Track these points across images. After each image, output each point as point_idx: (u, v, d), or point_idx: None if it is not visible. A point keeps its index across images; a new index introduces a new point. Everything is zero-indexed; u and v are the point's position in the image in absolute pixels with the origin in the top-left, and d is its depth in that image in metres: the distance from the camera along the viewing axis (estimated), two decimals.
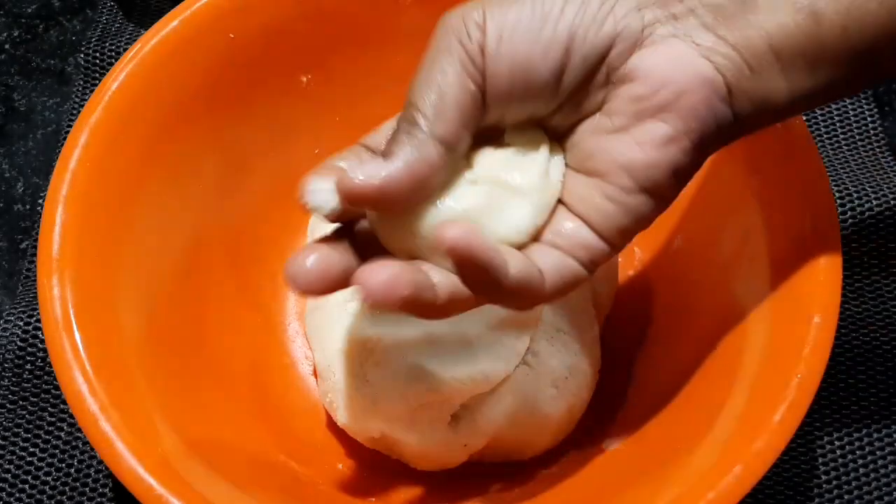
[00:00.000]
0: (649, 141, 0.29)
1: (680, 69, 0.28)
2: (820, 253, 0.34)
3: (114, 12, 0.56)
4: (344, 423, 0.40)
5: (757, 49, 0.28)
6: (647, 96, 0.28)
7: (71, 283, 0.34)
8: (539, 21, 0.28)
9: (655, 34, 0.29)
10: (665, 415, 0.39)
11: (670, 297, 0.43)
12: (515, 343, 0.38)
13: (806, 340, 0.33)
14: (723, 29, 0.28)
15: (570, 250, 0.30)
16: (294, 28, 0.42)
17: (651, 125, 0.29)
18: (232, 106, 0.42)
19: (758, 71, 0.29)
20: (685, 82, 0.28)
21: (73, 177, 0.36)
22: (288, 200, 0.45)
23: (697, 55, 0.28)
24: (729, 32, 0.28)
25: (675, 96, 0.28)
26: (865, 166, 0.49)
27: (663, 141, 0.29)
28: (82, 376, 0.33)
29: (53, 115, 0.53)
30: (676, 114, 0.28)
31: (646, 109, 0.29)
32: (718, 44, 0.28)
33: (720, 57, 0.28)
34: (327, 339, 0.40)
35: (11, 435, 0.42)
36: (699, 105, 0.28)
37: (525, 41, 0.28)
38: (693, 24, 0.29)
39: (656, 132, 0.29)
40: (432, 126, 0.28)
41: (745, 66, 0.29)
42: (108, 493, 0.41)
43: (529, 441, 0.40)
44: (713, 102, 0.29)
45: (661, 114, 0.28)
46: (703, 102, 0.28)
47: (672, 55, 0.28)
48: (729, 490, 0.31)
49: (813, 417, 0.43)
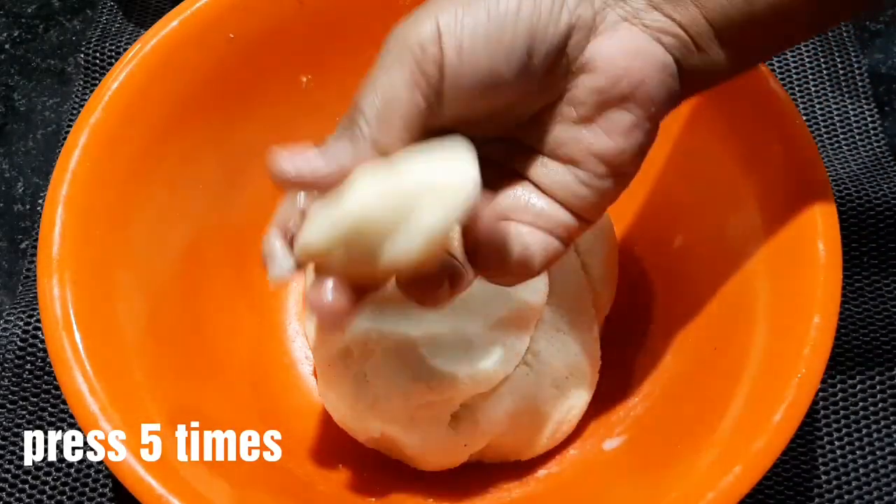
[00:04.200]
0: (617, 130, 0.30)
1: (636, 58, 0.29)
2: (820, 253, 0.34)
3: (114, 12, 0.56)
4: (344, 423, 0.40)
5: (700, 26, 0.30)
6: (608, 88, 0.30)
7: (71, 283, 0.34)
8: (497, 27, 0.28)
9: (607, 20, 0.30)
10: (665, 415, 0.39)
11: (670, 297, 0.43)
12: (515, 343, 0.38)
13: (806, 340, 0.33)
14: (668, 7, 0.30)
15: (550, 228, 0.31)
16: (294, 28, 0.42)
17: (616, 115, 0.30)
18: (232, 106, 0.42)
19: (703, 48, 0.30)
20: (643, 71, 0.29)
21: (73, 177, 0.36)
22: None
23: (650, 39, 0.30)
24: (675, 11, 0.30)
25: (635, 86, 0.30)
26: (865, 166, 0.49)
27: (629, 128, 0.30)
28: (82, 376, 0.33)
29: (53, 115, 0.53)
30: (638, 102, 0.30)
31: (609, 100, 0.30)
32: (667, 23, 0.30)
33: (670, 38, 0.30)
34: (328, 339, 0.40)
35: (11, 435, 0.42)
36: (656, 90, 0.30)
37: (486, 50, 0.28)
38: (640, 4, 0.30)
39: (622, 121, 0.30)
40: (374, 132, 0.28)
41: (692, 44, 0.30)
42: (108, 493, 0.41)
43: (529, 441, 0.40)
44: (667, 83, 0.30)
45: (624, 104, 0.30)
46: (660, 87, 0.30)
47: (626, 43, 0.29)
48: (729, 490, 0.31)
49: (813, 417, 0.43)
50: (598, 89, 0.30)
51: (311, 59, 0.43)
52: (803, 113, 0.51)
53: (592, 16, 0.29)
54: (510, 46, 0.28)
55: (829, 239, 0.34)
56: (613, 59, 0.29)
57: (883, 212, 0.46)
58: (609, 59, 0.29)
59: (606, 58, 0.29)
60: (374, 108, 0.28)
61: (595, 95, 0.30)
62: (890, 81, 0.53)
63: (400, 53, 0.28)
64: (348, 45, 0.44)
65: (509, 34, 0.28)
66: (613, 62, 0.29)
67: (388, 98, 0.28)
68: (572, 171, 0.31)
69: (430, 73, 0.28)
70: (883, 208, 0.46)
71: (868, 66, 0.53)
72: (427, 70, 0.28)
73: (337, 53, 0.44)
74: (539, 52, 0.29)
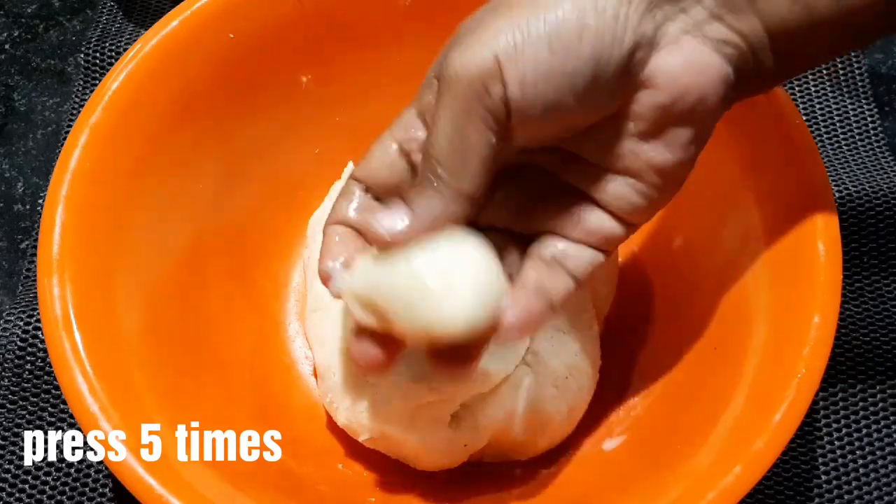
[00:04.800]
0: (677, 144, 0.30)
1: (699, 74, 0.29)
2: (820, 253, 0.34)
3: (114, 12, 0.56)
4: (344, 423, 0.40)
5: (759, 36, 0.29)
6: (669, 105, 0.29)
7: (71, 283, 0.34)
8: (560, 59, 0.27)
9: (669, 33, 0.29)
10: (665, 415, 0.39)
11: (670, 297, 0.43)
12: (515, 343, 0.38)
13: (806, 340, 0.33)
14: (730, 17, 0.29)
15: (597, 243, 0.32)
16: (294, 28, 0.42)
17: (676, 130, 0.30)
18: (232, 106, 0.42)
19: (759, 57, 0.30)
20: (705, 87, 0.29)
21: (73, 177, 0.36)
22: (288, 200, 0.46)
23: (711, 51, 0.29)
24: (737, 21, 0.29)
25: (696, 102, 0.29)
26: (865, 166, 0.49)
27: (689, 142, 0.30)
28: (82, 376, 0.33)
29: (53, 115, 0.53)
30: (699, 117, 0.30)
31: (670, 116, 0.29)
32: (728, 34, 0.29)
33: (730, 48, 0.29)
34: (327, 340, 0.40)
35: (11, 435, 0.42)
36: (715, 104, 0.30)
37: (551, 83, 0.28)
38: (701, 14, 0.29)
39: (683, 136, 0.30)
40: (455, 180, 0.28)
41: (750, 54, 0.30)
42: (108, 493, 0.41)
43: (529, 441, 0.40)
44: (726, 95, 0.30)
45: (685, 119, 0.29)
46: (719, 100, 0.30)
47: (688, 57, 0.29)
48: (729, 490, 0.31)
49: (813, 417, 0.43)
50: (659, 105, 0.29)
51: (311, 59, 0.43)
52: (803, 113, 0.51)
53: (654, 30, 0.29)
54: (575, 74, 0.28)
55: (829, 239, 0.34)
56: (675, 75, 0.29)
57: (883, 212, 0.46)
58: (671, 75, 0.29)
59: (668, 74, 0.29)
60: (450, 155, 0.28)
61: (656, 111, 0.29)
62: (890, 81, 0.53)
63: (461, 92, 0.28)
64: (348, 44, 0.44)
65: (572, 62, 0.28)
66: (676, 79, 0.29)
67: (462, 143, 0.28)
68: (629, 183, 0.31)
69: (497, 112, 0.28)
70: (883, 208, 0.46)
71: (868, 66, 0.53)
72: (493, 109, 0.28)
73: (337, 53, 0.44)
74: (605, 75, 0.28)
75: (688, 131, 0.30)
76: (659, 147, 0.30)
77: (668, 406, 0.39)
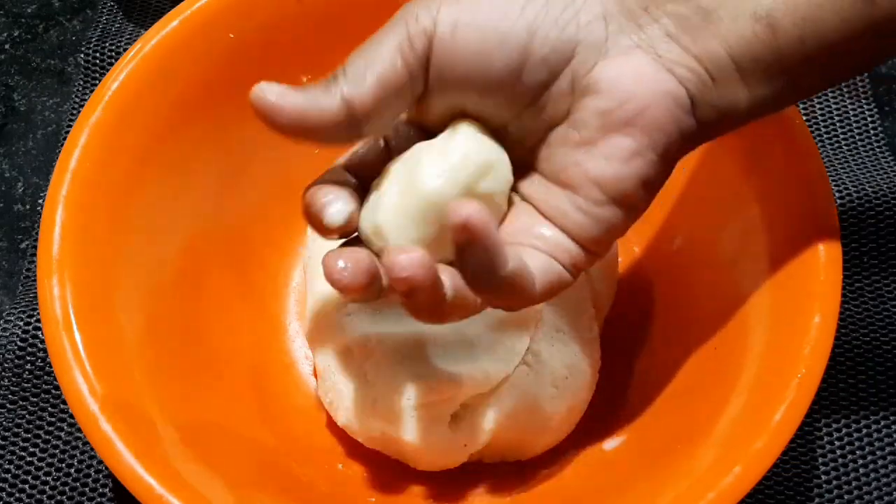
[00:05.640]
0: (616, 155, 0.29)
1: (643, 83, 0.29)
2: (820, 253, 0.34)
3: (114, 12, 0.56)
4: (344, 423, 0.40)
5: (719, 60, 0.29)
6: (611, 110, 0.29)
7: (71, 283, 0.34)
8: (497, 15, 0.28)
9: (620, 45, 0.29)
10: (665, 415, 0.39)
11: (670, 297, 0.43)
12: (515, 343, 0.38)
13: (806, 340, 0.33)
14: (686, 39, 0.29)
15: (553, 253, 0.30)
16: (294, 28, 0.42)
17: (617, 139, 0.29)
18: (232, 106, 0.42)
19: (720, 81, 0.29)
20: (649, 97, 0.29)
21: (73, 177, 0.36)
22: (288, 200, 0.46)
23: (661, 68, 0.29)
24: (692, 43, 0.29)
25: (639, 111, 0.29)
26: (865, 166, 0.49)
27: (629, 155, 0.29)
28: (82, 376, 0.33)
29: (53, 115, 0.53)
30: (641, 128, 0.29)
31: (611, 123, 0.29)
32: (682, 56, 0.29)
33: (683, 69, 0.29)
34: (328, 339, 0.40)
35: (11, 435, 0.42)
36: (662, 118, 0.29)
37: (480, 32, 0.28)
38: (657, 33, 0.29)
39: (622, 146, 0.29)
40: (347, 85, 0.28)
41: (708, 77, 0.29)
42: (108, 493, 0.41)
43: (529, 441, 0.40)
44: (676, 115, 0.29)
45: (625, 128, 0.29)
46: (667, 115, 0.29)
47: (635, 68, 0.29)
48: (729, 490, 0.31)
49: (813, 417, 0.43)
50: (601, 111, 0.29)
51: (311, 59, 0.43)
52: (803, 113, 0.51)
53: (604, 38, 0.29)
54: (505, 35, 0.28)
55: (829, 239, 0.34)
56: (620, 81, 0.29)
57: (883, 212, 0.46)
58: (615, 81, 0.29)
59: (612, 80, 0.29)
60: (355, 59, 0.29)
61: (598, 118, 0.29)
62: (890, 81, 0.53)
63: (395, 21, 0.29)
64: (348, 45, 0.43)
65: (507, 24, 0.28)
66: (619, 85, 0.29)
67: (371, 57, 0.29)
68: (570, 197, 0.30)
69: (418, 43, 0.28)
70: (883, 208, 0.46)
71: None
72: (415, 38, 0.28)
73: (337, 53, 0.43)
74: (536, 54, 0.28)
75: (628, 141, 0.29)
76: (596, 156, 0.29)
77: (668, 406, 0.39)
